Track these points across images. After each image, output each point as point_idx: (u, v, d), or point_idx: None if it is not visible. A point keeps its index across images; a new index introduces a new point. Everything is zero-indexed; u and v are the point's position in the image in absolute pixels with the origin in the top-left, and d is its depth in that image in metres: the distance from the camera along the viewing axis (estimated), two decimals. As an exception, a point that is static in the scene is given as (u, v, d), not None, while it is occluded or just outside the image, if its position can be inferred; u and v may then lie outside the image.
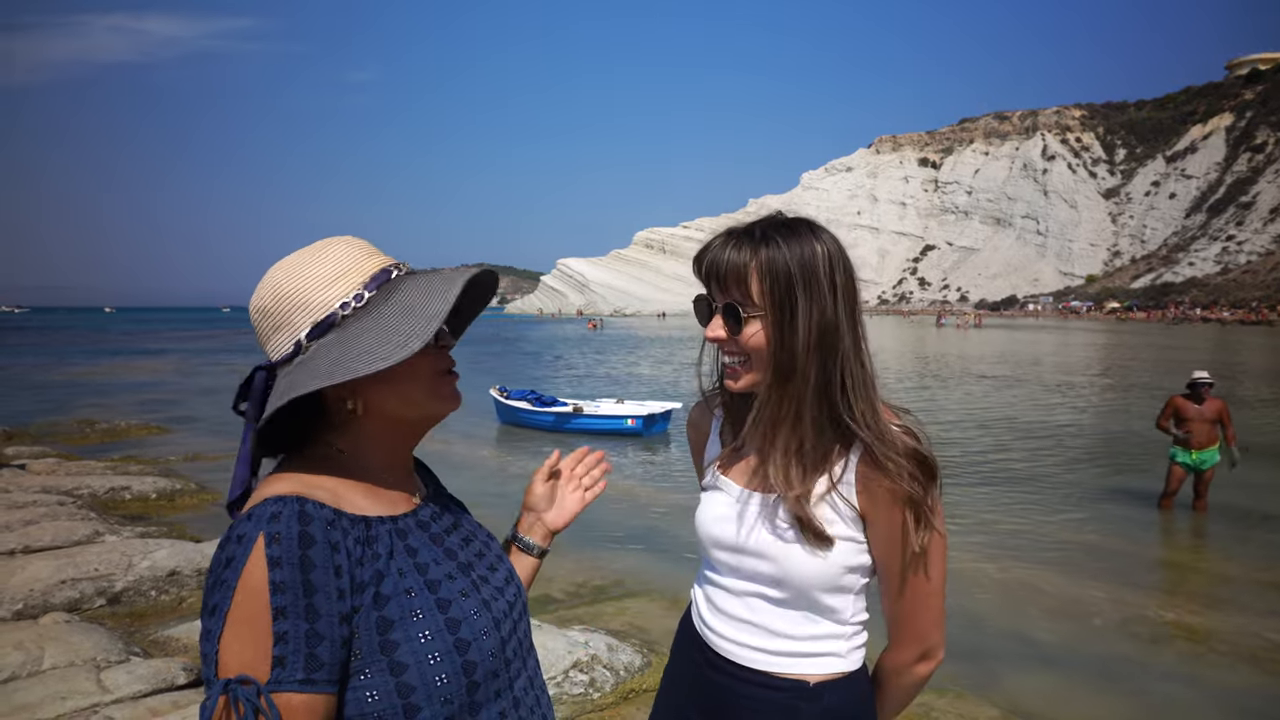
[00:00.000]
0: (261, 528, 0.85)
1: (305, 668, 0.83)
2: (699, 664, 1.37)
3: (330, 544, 0.87)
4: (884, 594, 1.30)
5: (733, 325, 1.24)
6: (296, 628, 0.83)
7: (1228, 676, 4.65)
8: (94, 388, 21.89)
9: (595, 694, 3.90)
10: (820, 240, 1.23)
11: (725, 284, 1.24)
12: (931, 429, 1.31)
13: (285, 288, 0.97)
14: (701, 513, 1.38)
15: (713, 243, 1.27)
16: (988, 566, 6.53)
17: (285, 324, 0.97)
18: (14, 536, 5.96)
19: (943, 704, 4.07)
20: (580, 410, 13.69)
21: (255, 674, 0.81)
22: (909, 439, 1.23)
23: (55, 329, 79.20)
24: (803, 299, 1.20)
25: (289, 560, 0.84)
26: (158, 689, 3.70)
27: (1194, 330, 68.26)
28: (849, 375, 1.23)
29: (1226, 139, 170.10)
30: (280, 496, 0.89)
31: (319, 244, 1.00)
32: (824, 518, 1.23)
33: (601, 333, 66.09)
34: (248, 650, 0.82)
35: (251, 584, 0.82)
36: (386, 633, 0.89)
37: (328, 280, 0.97)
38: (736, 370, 1.27)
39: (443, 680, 0.91)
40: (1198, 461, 7.76)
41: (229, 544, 0.86)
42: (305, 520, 0.87)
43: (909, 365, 29.87)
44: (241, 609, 0.82)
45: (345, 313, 0.96)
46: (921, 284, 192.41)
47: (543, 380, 23.05)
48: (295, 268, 0.98)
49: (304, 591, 0.84)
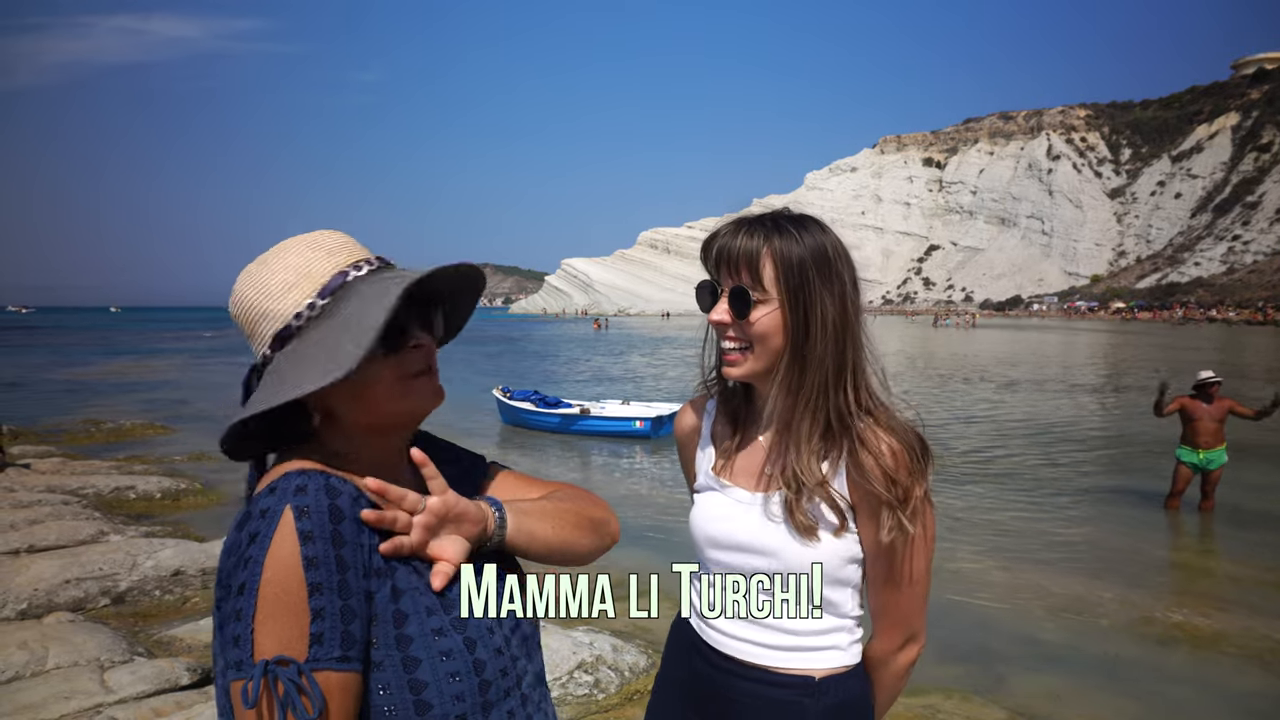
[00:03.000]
0: (288, 500, 0.82)
1: (341, 644, 0.80)
2: (698, 665, 1.35)
3: (358, 521, 0.85)
4: (870, 582, 1.30)
5: (739, 309, 1.23)
6: (332, 604, 0.80)
7: (1236, 678, 4.62)
8: (99, 387, 21.97)
9: (600, 695, 3.89)
10: (828, 233, 1.26)
11: (736, 268, 1.24)
12: (935, 429, 1.29)
13: (247, 297, 0.95)
14: (698, 514, 1.37)
15: (722, 230, 1.27)
16: (994, 567, 6.50)
17: (253, 333, 0.96)
18: (18, 536, 5.97)
19: (949, 705, 4.05)
20: (587, 412, 13.55)
21: (292, 653, 0.78)
22: (903, 429, 1.24)
23: (63, 329, 79.48)
24: (820, 287, 1.21)
25: (321, 534, 0.81)
26: (161, 689, 3.70)
27: (1200, 331, 68.06)
28: (859, 365, 1.25)
29: (1232, 138, 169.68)
30: (303, 470, 0.86)
31: (277, 248, 0.98)
32: (826, 509, 1.23)
33: (606, 333, 66.11)
34: (283, 628, 0.78)
35: (282, 559, 0.79)
36: (402, 626, 0.87)
37: (282, 289, 0.94)
38: (737, 357, 1.26)
39: (455, 679, 0.89)
40: (1204, 461, 7.70)
41: (251, 520, 0.83)
42: (333, 494, 0.84)
43: (908, 365, 29.81)
44: (273, 585, 0.79)
45: (299, 323, 0.93)
46: (926, 284, 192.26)
47: (549, 380, 23.04)
48: (253, 276, 0.96)
49: (337, 567, 0.81)
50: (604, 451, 12.35)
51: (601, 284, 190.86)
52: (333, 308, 0.93)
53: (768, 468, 1.29)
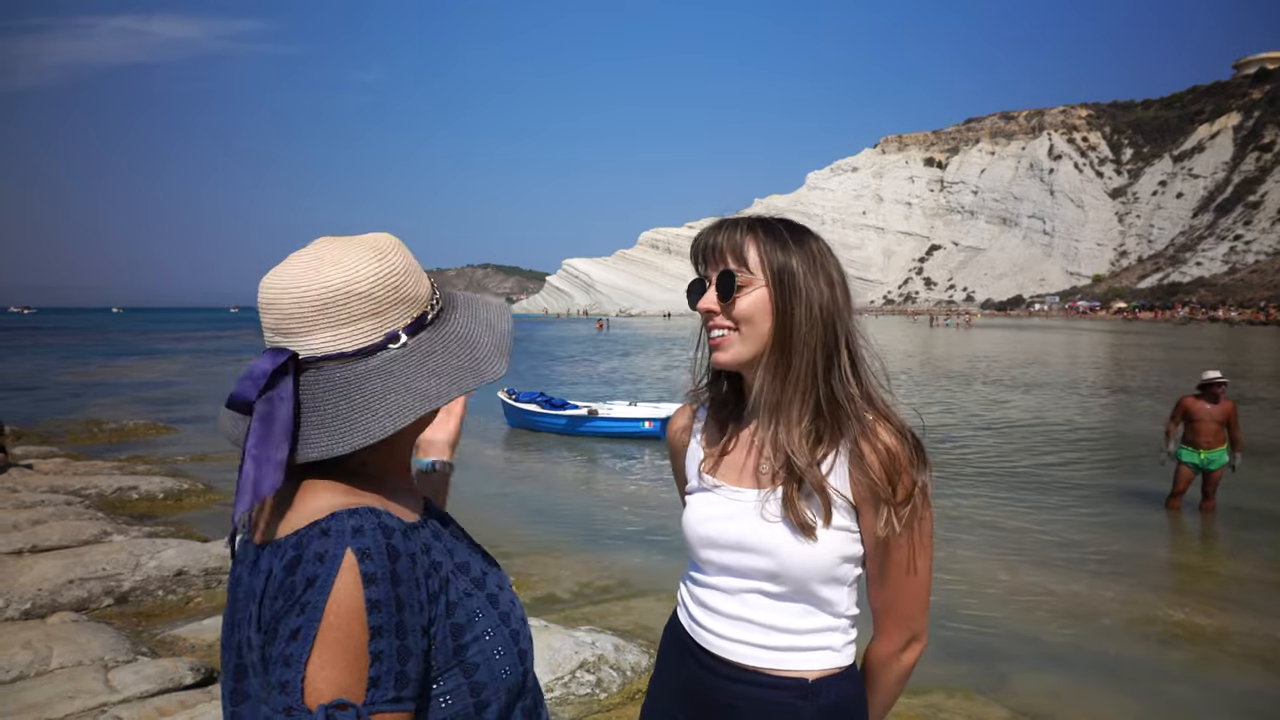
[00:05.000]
0: (346, 543, 0.79)
1: (395, 686, 0.80)
2: (691, 668, 1.34)
3: (410, 556, 0.83)
4: (871, 581, 1.29)
5: (725, 290, 1.25)
6: (390, 645, 0.79)
7: (1238, 677, 4.61)
8: (102, 388, 22.01)
9: (602, 694, 3.89)
10: (812, 234, 1.29)
11: (722, 255, 1.26)
12: (934, 429, 1.30)
13: (381, 272, 0.88)
14: (690, 514, 1.36)
15: (707, 228, 1.31)
16: (996, 567, 6.50)
17: (381, 312, 0.88)
18: (22, 536, 5.98)
19: (952, 704, 4.05)
20: (595, 413, 13.45)
21: (350, 697, 0.77)
22: (901, 427, 1.24)
23: (65, 330, 79.56)
24: (804, 273, 1.23)
25: (383, 576, 0.79)
26: (165, 689, 3.71)
27: (1201, 330, 67.99)
28: (848, 358, 1.25)
29: (1234, 138, 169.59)
30: (354, 510, 0.83)
31: (380, 236, 0.93)
32: (819, 506, 1.23)
33: (608, 333, 66.09)
34: (341, 674, 0.76)
35: (344, 604, 0.77)
36: (460, 637, 0.88)
37: (415, 274, 0.92)
38: (723, 340, 1.27)
39: (506, 673, 0.91)
40: (1205, 461, 7.70)
41: (306, 564, 0.79)
42: (388, 533, 0.82)
43: (907, 364, 29.80)
44: (335, 631, 0.76)
45: (433, 313, 0.92)
46: (927, 284, 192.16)
47: (553, 381, 23.03)
48: (383, 255, 0.89)
49: (396, 608, 0.80)
50: (612, 453, 12.30)
51: (603, 284, 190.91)
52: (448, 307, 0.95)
53: (760, 465, 1.29)
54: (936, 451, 11.26)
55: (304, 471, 0.88)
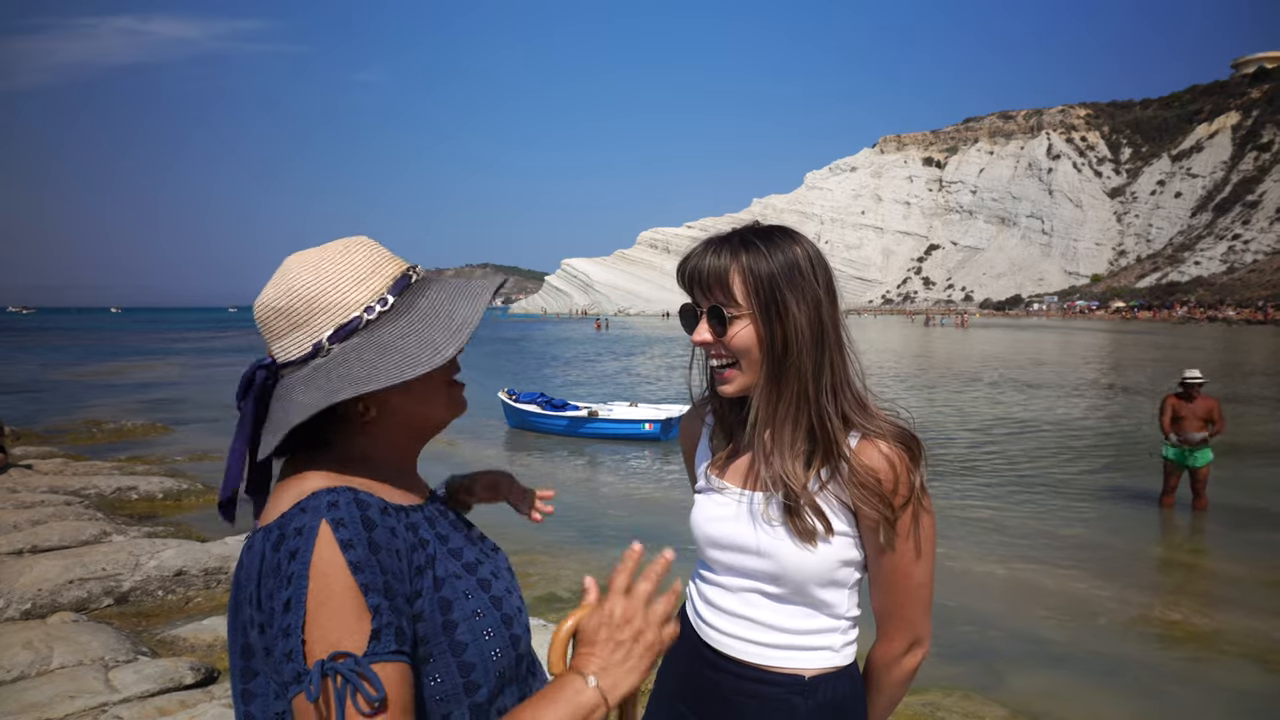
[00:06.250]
0: (322, 515, 0.84)
1: (396, 639, 0.82)
2: (695, 663, 1.38)
3: (389, 529, 0.87)
4: (873, 585, 1.31)
5: (718, 327, 1.26)
6: (382, 602, 0.82)
7: (1233, 676, 4.64)
8: (101, 388, 21.99)
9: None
10: (799, 243, 1.27)
11: (709, 288, 1.26)
12: (933, 429, 1.32)
13: (307, 287, 0.93)
14: (697, 514, 1.39)
15: (693, 251, 1.30)
16: (993, 566, 6.52)
17: (304, 324, 0.93)
18: (22, 536, 5.99)
19: (949, 703, 4.07)
20: (596, 415, 13.46)
21: (348, 648, 0.79)
22: (896, 432, 1.26)
23: (64, 329, 79.48)
24: (790, 297, 1.23)
25: (359, 542, 0.83)
26: (165, 688, 3.72)
27: (1200, 330, 68.02)
28: (839, 371, 1.27)
29: (1233, 138, 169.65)
30: (332, 488, 0.88)
31: (339, 243, 0.98)
32: (824, 513, 1.25)
33: (607, 333, 66.07)
34: (333, 632, 0.79)
35: (325, 568, 0.80)
36: (448, 612, 0.90)
37: (352, 282, 0.94)
38: (726, 375, 1.29)
39: (496, 655, 0.93)
40: (1182, 455, 7.90)
41: (286, 540, 0.83)
42: (364, 506, 0.86)
43: (901, 365, 29.81)
44: (320, 594, 0.80)
45: (370, 317, 0.94)
46: (926, 283, 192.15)
47: (552, 382, 23.03)
48: (317, 266, 0.94)
49: (380, 570, 0.83)
50: (613, 454, 12.30)
51: (601, 284, 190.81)
52: (402, 305, 0.96)
53: (760, 470, 1.31)
54: (934, 452, 11.26)
55: (306, 462, 0.95)
